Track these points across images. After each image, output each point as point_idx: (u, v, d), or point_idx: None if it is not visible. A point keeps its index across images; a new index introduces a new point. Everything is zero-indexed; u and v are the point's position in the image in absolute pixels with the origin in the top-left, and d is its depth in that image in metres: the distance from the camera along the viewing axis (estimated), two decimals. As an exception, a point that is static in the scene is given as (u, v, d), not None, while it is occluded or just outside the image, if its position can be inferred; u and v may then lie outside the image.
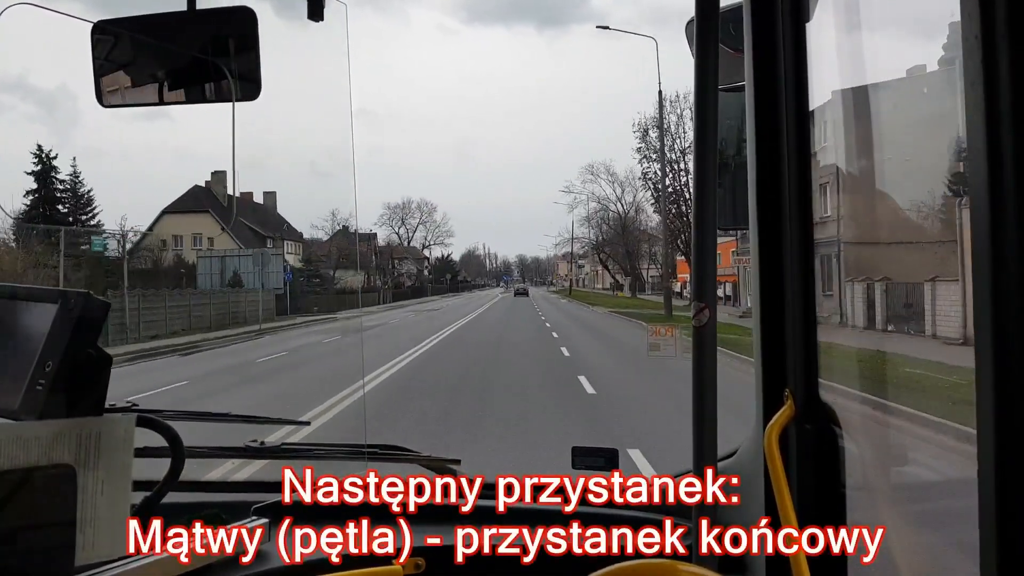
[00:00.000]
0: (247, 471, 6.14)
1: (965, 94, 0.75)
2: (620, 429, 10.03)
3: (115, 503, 1.11)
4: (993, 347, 0.72)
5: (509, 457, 8.26)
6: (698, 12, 1.37)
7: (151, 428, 1.37)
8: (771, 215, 1.37)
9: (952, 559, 1.36)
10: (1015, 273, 0.71)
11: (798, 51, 1.32)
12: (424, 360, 18.83)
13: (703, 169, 1.39)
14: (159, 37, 1.58)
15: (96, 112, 13.61)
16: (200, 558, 1.35)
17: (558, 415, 11.15)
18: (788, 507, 1.26)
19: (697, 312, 1.41)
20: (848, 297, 5.40)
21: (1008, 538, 0.72)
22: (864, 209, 1.88)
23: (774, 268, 1.37)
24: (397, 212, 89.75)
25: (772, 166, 1.35)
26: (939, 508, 1.67)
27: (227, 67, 1.53)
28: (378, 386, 14.05)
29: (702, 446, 1.42)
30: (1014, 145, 0.70)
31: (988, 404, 0.73)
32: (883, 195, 1.74)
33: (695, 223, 1.43)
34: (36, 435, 1.03)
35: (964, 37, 0.74)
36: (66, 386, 1.07)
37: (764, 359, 1.40)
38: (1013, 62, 0.70)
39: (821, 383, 1.34)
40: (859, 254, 3.03)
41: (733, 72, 1.43)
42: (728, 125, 1.51)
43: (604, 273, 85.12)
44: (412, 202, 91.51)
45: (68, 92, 73.30)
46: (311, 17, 1.48)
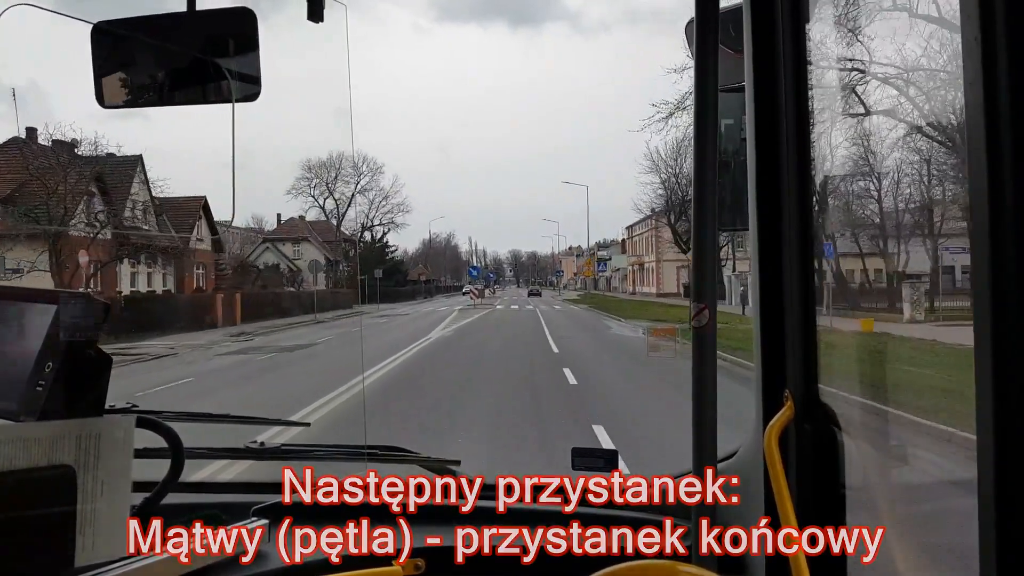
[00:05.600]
0: (247, 472, 6.12)
1: (965, 94, 0.75)
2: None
3: (115, 504, 1.11)
4: (993, 347, 0.72)
5: (508, 460, 8.14)
6: (698, 12, 1.37)
7: (151, 429, 1.37)
8: (771, 215, 1.37)
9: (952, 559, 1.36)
10: (1015, 273, 0.71)
11: (798, 51, 1.32)
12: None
13: (703, 169, 1.39)
14: (159, 37, 1.57)
15: (66, 110, 13.31)
16: (200, 559, 1.35)
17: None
18: (788, 507, 1.26)
19: (697, 313, 1.41)
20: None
21: (1008, 538, 0.72)
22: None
23: (774, 268, 1.37)
24: (321, 174, 62.12)
25: (772, 166, 1.36)
26: (939, 508, 1.67)
27: (227, 68, 1.53)
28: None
29: (702, 446, 1.42)
30: (1014, 145, 0.70)
31: (988, 404, 0.73)
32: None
33: (694, 223, 1.43)
34: (36, 436, 1.03)
35: (963, 38, 0.75)
36: (66, 387, 1.07)
37: (764, 359, 1.40)
38: (1012, 62, 0.70)
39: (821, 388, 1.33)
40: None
41: (733, 72, 1.43)
42: (728, 125, 1.51)
43: (642, 274, 63.94)
44: (343, 157, 62.03)
45: (39, 89, 72.20)
46: (311, 18, 1.48)
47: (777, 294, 1.37)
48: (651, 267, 61.14)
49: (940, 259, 8.47)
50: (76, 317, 1.10)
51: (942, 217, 7.55)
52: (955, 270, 8.35)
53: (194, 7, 1.50)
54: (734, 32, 1.42)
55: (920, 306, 8.50)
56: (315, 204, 63.43)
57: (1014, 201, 0.71)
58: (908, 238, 8.14)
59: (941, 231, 7.89)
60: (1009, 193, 0.71)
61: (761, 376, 1.41)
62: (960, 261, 7.68)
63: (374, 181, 65.87)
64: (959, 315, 6.88)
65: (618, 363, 18.12)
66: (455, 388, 13.71)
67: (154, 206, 35.58)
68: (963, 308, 7.09)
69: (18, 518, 1.00)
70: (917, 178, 6.70)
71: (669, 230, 51.31)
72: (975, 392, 0.75)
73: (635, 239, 69.24)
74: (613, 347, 22.60)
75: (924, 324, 7.85)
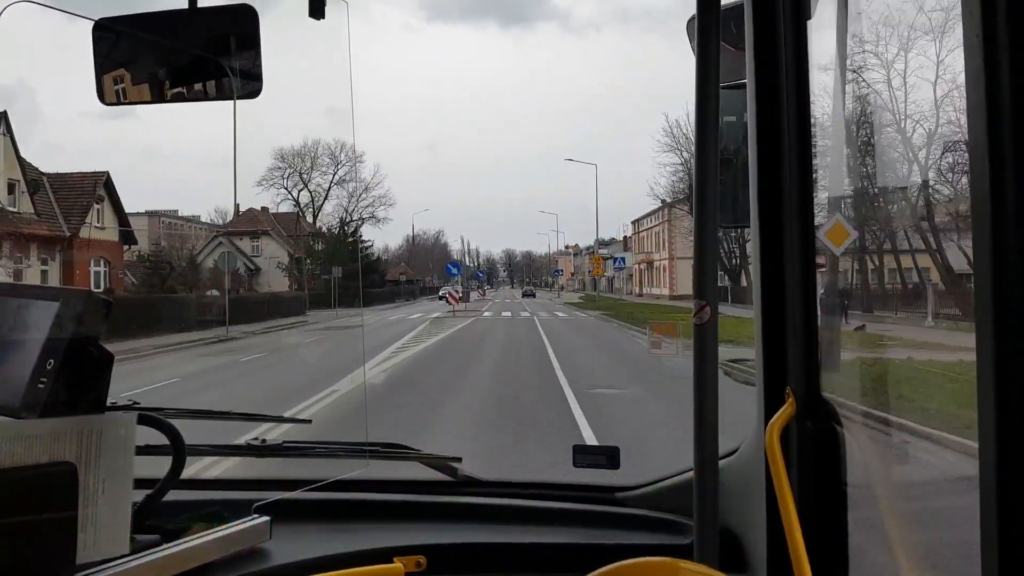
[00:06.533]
0: (248, 469, 6.11)
1: (966, 93, 0.75)
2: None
3: (116, 501, 1.11)
4: (993, 347, 0.72)
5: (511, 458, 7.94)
6: (699, 10, 1.37)
7: (152, 426, 1.37)
8: (772, 213, 1.37)
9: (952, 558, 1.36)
10: (1015, 273, 0.71)
11: (799, 49, 1.32)
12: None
13: (704, 167, 1.39)
14: (160, 35, 1.57)
15: (57, 109, 13.25)
16: (201, 556, 1.35)
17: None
18: (789, 505, 1.26)
19: (698, 310, 1.41)
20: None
21: (1009, 537, 0.72)
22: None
23: (775, 266, 1.37)
24: (295, 164, 53.98)
25: (773, 164, 1.36)
26: (939, 506, 1.67)
27: (228, 65, 1.53)
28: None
29: (703, 444, 1.42)
30: (1015, 144, 0.70)
31: (989, 404, 0.73)
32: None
33: (696, 221, 1.43)
34: (37, 433, 1.04)
35: (965, 36, 0.74)
36: (67, 384, 1.07)
37: (765, 357, 1.40)
38: (1014, 61, 0.70)
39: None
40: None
41: (734, 69, 1.43)
42: (729, 123, 1.51)
43: (652, 274, 55.91)
44: (320, 144, 54.73)
45: (26, 87, 71.73)
46: (312, 15, 1.48)
47: (779, 291, 1.37)
48: (662, 265, 53.63)
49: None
50: (77, 314, 1.10)
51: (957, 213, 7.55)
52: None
53: (195, 4, 1.50)
54: (735, 29, 1.42)
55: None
56: (288, 197, 56.05)
57: (1016, 200, 0.71)
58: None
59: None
60: (1011, 192, 0.71)
61: (763, 373, 1.41)
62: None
63: (354, 172, 56.98)
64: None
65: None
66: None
67: (26, 181, 26.98)
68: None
69: (19, 515, 1.00)
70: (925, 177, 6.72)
71: (689, 220, 44.03)
72: (976, 392, 0.75)
73: (642, 234, 61.86)
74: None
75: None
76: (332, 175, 56.36)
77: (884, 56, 12.33)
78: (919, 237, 12.74)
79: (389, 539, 1.58)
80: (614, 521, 1.74)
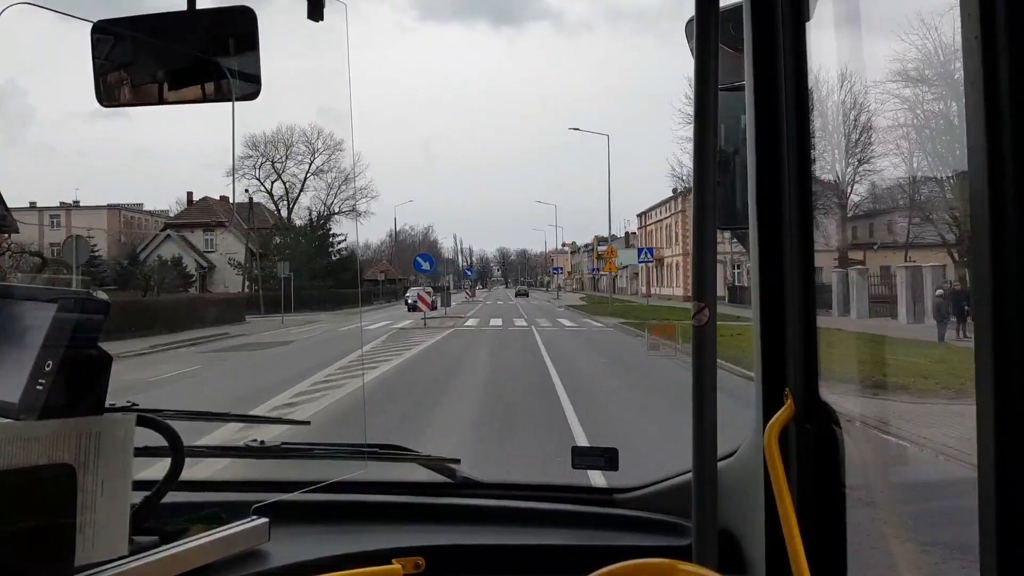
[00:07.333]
0: (247, 471, 6.07)
1: (965, 94, 0.75)
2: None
3: (115, 503, 1.11)
4: (993, 347, 0.72)
5: (509, 459, 7.97)
6: (698, 11, 1.37)
7: (151, 427, 1.36)
8: (771, 214, 1.37)
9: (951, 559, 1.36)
10: (1015, 273, 0.71)
11: (798, 50, 1.32)
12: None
13: (703, 168, 1.39)
14: (159, 36, 1.57)
15: (50, 110, 13.16)
16: (200, 558, 1.34)
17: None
18: (788, 507, 1.25)
19: (697, 312, 1.41)
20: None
21: (1008, 538, 0.72)
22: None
23: (774, 267, 1.37)
24: (268, 152, 48.63)
25: (772, 165, 1.36)
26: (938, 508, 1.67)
27: (227, 66, 1.53)
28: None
29: (702, 446, 1.42)
30: (1014, 145, 0.70)
31: (988, 404, 0.73)
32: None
33: (695, 222, 1.43)
34: (36, 435, 1.03)
35: (964, 37, 0.74)
36: (66, 386, 1.07)
37: (764, 358, 1.40)
38: (1013, 62, 0.70)
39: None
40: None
41: (733, 71, 1.43)
42: (728, 124, 1.51)
43: (661, 272, 49.64)
44: (294, 130, 49.18)
45: (16, 88, 71.02)
46: (311, 17, 1.48)
47: (778, 293, 1.37)
48: (674, 262, 47.41)
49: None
50: (76, 316, 1.10)
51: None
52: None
53: (194, 5, 1.50)
54: (734, 31, 1.42)
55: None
56: (260, 188, 50.04)
57: (1015, 201, 0.71)
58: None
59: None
60: (1010, 192, 0.71)
61: (761, 375, 1.41)
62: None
63: (333, 161, 50.23)
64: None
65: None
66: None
67: None
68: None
69: (18, 517, 1.00)
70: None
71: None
72: (975, 391, 0.75)
73: (649, 228, 55.06)
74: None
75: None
76: (308, 164, 51.01)
77: (882, 57, 12.33)
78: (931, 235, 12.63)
79: (388, 540, 1.57)
80: (612, 523, 1.74)
